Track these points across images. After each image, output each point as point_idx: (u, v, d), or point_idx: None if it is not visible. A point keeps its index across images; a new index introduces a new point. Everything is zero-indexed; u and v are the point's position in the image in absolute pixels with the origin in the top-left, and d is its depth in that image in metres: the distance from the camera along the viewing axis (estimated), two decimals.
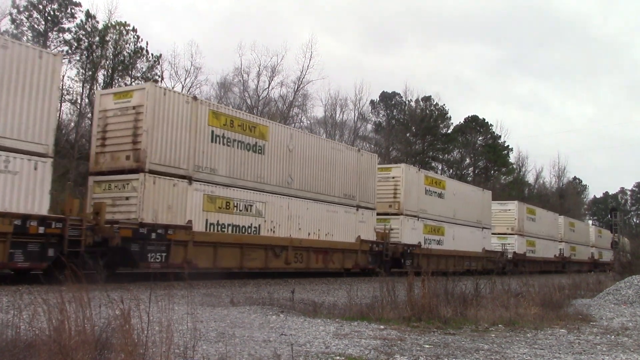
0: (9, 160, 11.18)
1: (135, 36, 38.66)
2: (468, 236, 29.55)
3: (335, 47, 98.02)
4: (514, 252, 34.57)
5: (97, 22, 37.65)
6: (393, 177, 24.59)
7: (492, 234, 34.19)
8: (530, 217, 37.94)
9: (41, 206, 11.59)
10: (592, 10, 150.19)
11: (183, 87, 42.27)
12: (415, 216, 25.08)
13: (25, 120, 11.54)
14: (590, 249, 52.90)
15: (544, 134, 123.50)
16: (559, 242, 44.00)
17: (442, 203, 27.54)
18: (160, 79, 40.15)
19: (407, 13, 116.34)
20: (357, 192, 21.63)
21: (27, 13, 36.43)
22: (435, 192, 27.16)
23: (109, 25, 37.30)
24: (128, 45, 38.33)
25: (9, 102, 11.29)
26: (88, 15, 37.45)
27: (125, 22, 38.40)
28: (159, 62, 39.95)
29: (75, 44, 36.87)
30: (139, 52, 38.65)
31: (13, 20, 36.02)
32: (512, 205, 36.52)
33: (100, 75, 37.75)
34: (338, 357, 5.87)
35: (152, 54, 39.59)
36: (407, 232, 24.43)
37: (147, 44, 39.23)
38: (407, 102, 64.79)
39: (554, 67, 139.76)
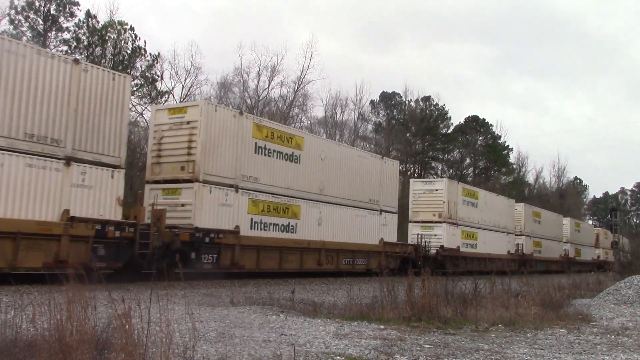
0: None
1: (133, 35, 38.69)
2: (352, 222, 21.26)
3: (335, 47, 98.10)
4: (441, 246, 26.64)
5: (98, 21, 37.73)
6: (188, 123, 15.58)
7: (413, 222, 27.70)
8: (468, 202, 29.85)
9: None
10: (590, 9, 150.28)
11: (183, 87, 42.33)
12: (230, 186, 16.13)
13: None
14: (564, 245, 44.96)
15: (544, 134, 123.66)
16: (517, 235, 36.16)
17: (294, 169, 18.57)
18: (160, 79, 40.20)
19: (404, 12, 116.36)
20: (70, 134, 12.54)
21: (25, 13, 36.45)
22: (280, 152, 18.01)
23: (107, 24, 37.35)
24: (126, 44, 38.38)
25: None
26: (88, 15, 37.50)
27: (123, 20, 38.46)
28: (157, 61, 39.98)
29: (75, 44, 36.90)
30: (136, 51, 38.67)
31: (12, 21, 36.04)
32: (441, 185, 28.01)
33: None
34: (338, 357, 5.87)
35: (149, 53, 39.63)
36: (210, 210, 15.49)
37: (145, 42, 39.31)
38: (407, 102, 64.87)
39: (552, 67, 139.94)
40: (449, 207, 27.79)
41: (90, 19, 37.37)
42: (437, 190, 27.87)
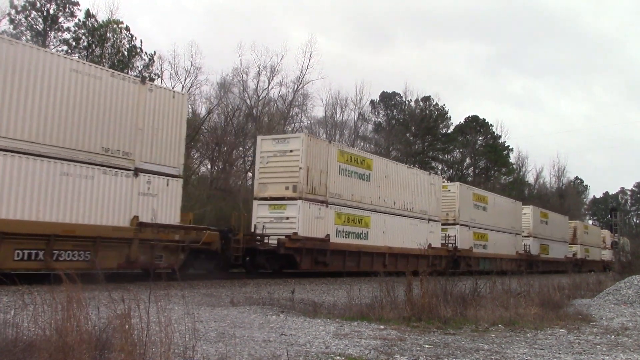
0: None
1: (129, 35, 38.75)
2: (46, 186, 12.22)
3: (333, 47, 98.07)
4: (291, 235, 17.76)
5: (96, 21, 37.78)
6: None
7: (260, 199, 18.90)
8: (352, 172, 20.87)
9: None
10: (587, 8, 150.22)
11: (183, 87, 42.33)
12: None
13: None
14: (525, 239, 37.16)
15: (543, 135, 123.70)
16: (449, 224, 28.18)
17: None
18: (160, 79, 40.24)
19: (400, 12, 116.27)
20: None
21: (25, 13, 36.47)
22: None
23: (103, 23, 37.40)
24: (123, 43, 38.44)
25: None
26: (88, 14, 37.55)
27: (118, 19, 38.49)
28: (153, 60, 40.07)
29: (74, 43, 36.95)
30: (132, 51, 38.72)
31: (12, 21, 36.05)
32: (297, 143, 18.65)
33: None
34: (338, 357, 5.87)
35: (146, 52, 39.71)
36: None
37: (141, 42, 39.40)
38: (407, 102, 64.92)
39: (549, 65, 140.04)
40: (310, 177, 18.64)
41: (89, 19, 37.42)
42: (292, 151, 18.63)
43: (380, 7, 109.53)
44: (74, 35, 37.22)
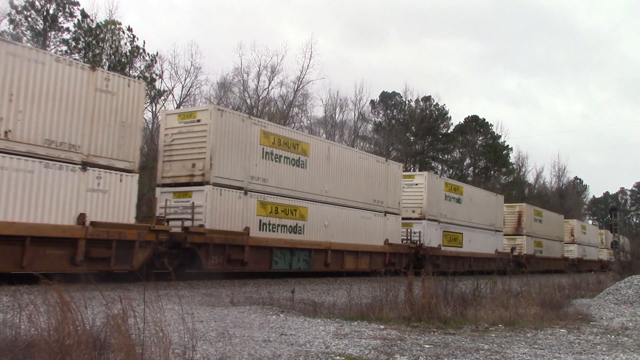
0: None
1: (132, 35, 38.76)
2: None
3: (334, 46, 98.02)
4: None
5: (92, 20, 37.79)
6: None
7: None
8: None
9: None
10: (577, 4, 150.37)
11: (183, 87, 42.36)
12: None
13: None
14: (416, 224, 25.04)
15: (543, 134, 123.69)
16: (242, 189, 16.00)
17: None
18: (160, 79, 40.24)
19: (394, 10, 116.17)
20: None
21: (25, 13, 36.48)
22: None
23: (100, 24, 37.40)
24: (125, 44, 38.44)
25: None
26: (84, 14, 37.55)
27: (116, 20, 38.47)
28: (155, 61, 40.10)
29: (74, 43, 36.95)
30: (134, 52, 38.71)
31: (12, 21, 36.06)
32: None
33: None
34: (338, 357, 5.86)
35: (148, 53, 39.74)
36: None
37: (144, 42, 39.42)
38: (407, 102, 64.92)
39: (542, 63, 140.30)
40: None
41: (85, 19, 37.41)
42: None
43: (374, 5, 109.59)
44: (73, 35, 37.22)
